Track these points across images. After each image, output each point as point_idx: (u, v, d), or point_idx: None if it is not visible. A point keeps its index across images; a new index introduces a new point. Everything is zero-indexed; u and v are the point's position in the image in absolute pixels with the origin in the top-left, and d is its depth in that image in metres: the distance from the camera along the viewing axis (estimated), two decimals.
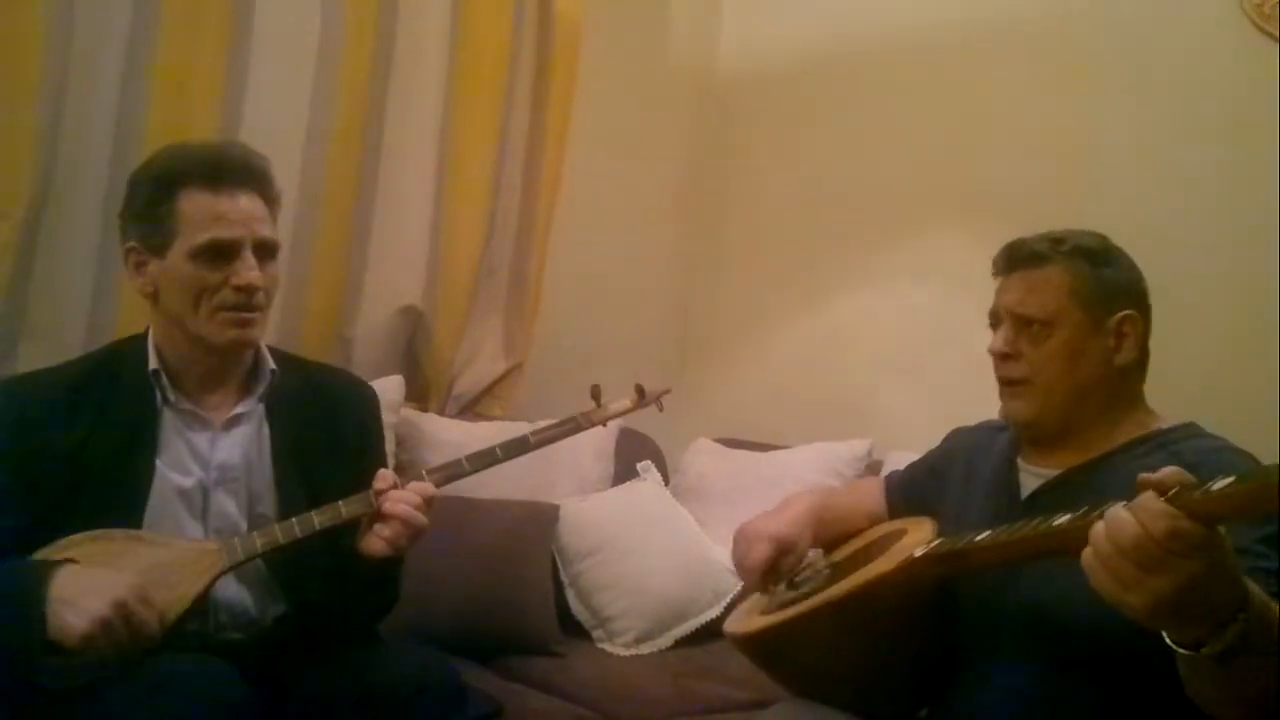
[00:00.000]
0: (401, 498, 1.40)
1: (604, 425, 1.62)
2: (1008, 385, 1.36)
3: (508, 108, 2.67)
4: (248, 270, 1.42)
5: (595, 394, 1.59)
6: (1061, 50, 2.48)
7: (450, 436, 2.36)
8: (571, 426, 1.56)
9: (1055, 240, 1.36)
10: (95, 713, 1.23)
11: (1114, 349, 1.33)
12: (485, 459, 1.51)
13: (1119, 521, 0.91)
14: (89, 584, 1.25)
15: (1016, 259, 1.37)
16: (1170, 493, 0.90)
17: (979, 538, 1.15)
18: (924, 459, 1.61)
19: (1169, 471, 0.92)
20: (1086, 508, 1.01)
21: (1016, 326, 1.35)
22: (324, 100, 2.39)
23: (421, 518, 1.40)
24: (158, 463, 1.44)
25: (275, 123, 2.28)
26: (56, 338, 2.05)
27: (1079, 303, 1.32)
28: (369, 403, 1.67)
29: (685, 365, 3.13)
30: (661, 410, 1.64)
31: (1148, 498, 0.91)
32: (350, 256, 2.48)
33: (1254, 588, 0.95)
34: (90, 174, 2.11)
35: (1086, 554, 0.94)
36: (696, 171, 3.17)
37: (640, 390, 1.60)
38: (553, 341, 2.81)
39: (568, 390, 2.67)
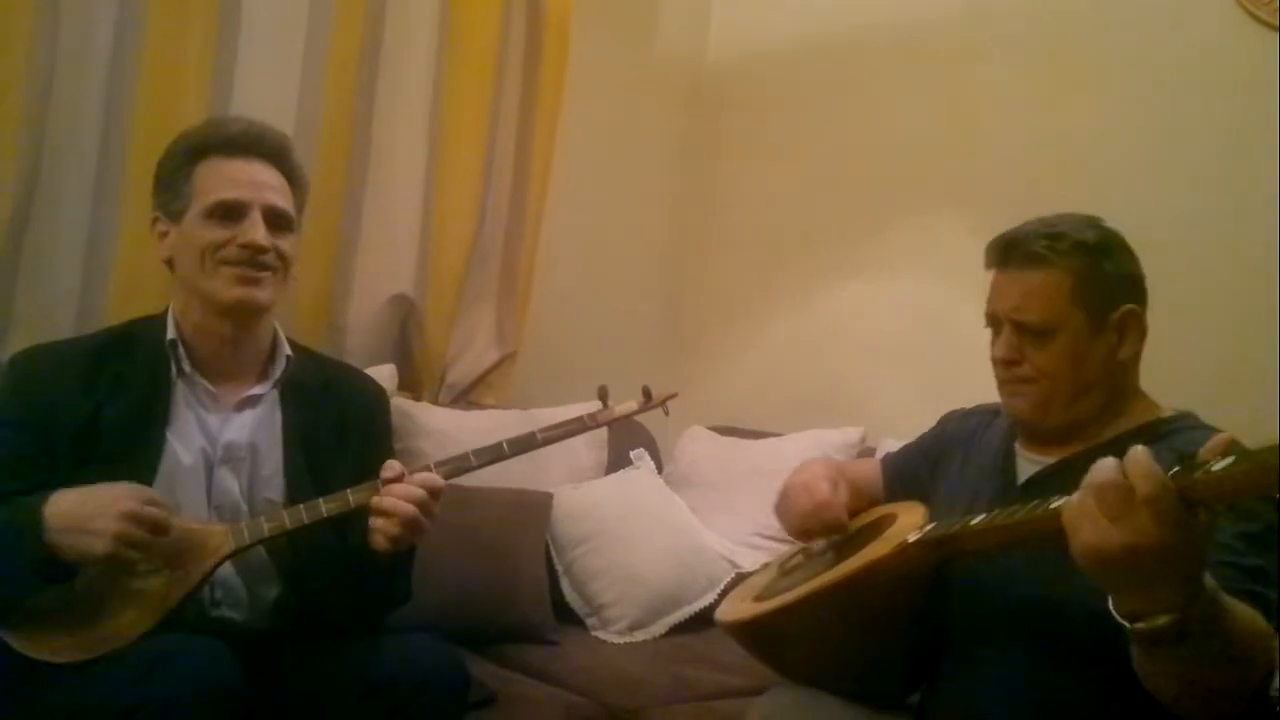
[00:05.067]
0: (402, 493, 1.39)
1: (609, 426, 1.62)
2: (1010, 384, 1.35)
3: (497, 96, 2.66)
4: (253, 229, 1.46)
5: (602, 394, 1.60)
6: (1056, 38, 2.48)
7: (444, 425, 2.36)
8: (578, 426, 1.57)
9: (1052, 238, 1.31)
10: (88, 690, 1.24)
11: (1116, 344, 1.31)
12: (491, 454, 1.51)
13: (1103, 464, 0.96)
14: (91, 506, 1.29)
15: (1012, 256, 1.34)
16: (1171, 472, 0.93)
17: (973, 521, 1.16)
18: (919, 441, 1.61)
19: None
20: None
21: (1017, 332, 1.32)
22: (313, 88, 2.37)
23: (413, 509, 1.38)
24: (168, 434, 1.46)
25: (264, 111, 2.22)
26: (45, 327, 2.03)
27: (1080, 304, 1.30)
28: (379, 401, 1.70)
29: (678, 353, 3.13)
30: (668, 414, 1.66)
31: (1141, 452, 0.95)
32: (341, 245, 2.47)
33: (1211, 590, 0.97)
34: (78, 163, 2.09)
35: (1067, 505, 0.98)
36: (687, 160, 3.16)
37: (647, 392, 1.61)
38: (545, 330, 2.81)
39: (560, 378, 2.70)
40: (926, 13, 2.70)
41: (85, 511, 1.28)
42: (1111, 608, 0.99)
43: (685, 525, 2.44)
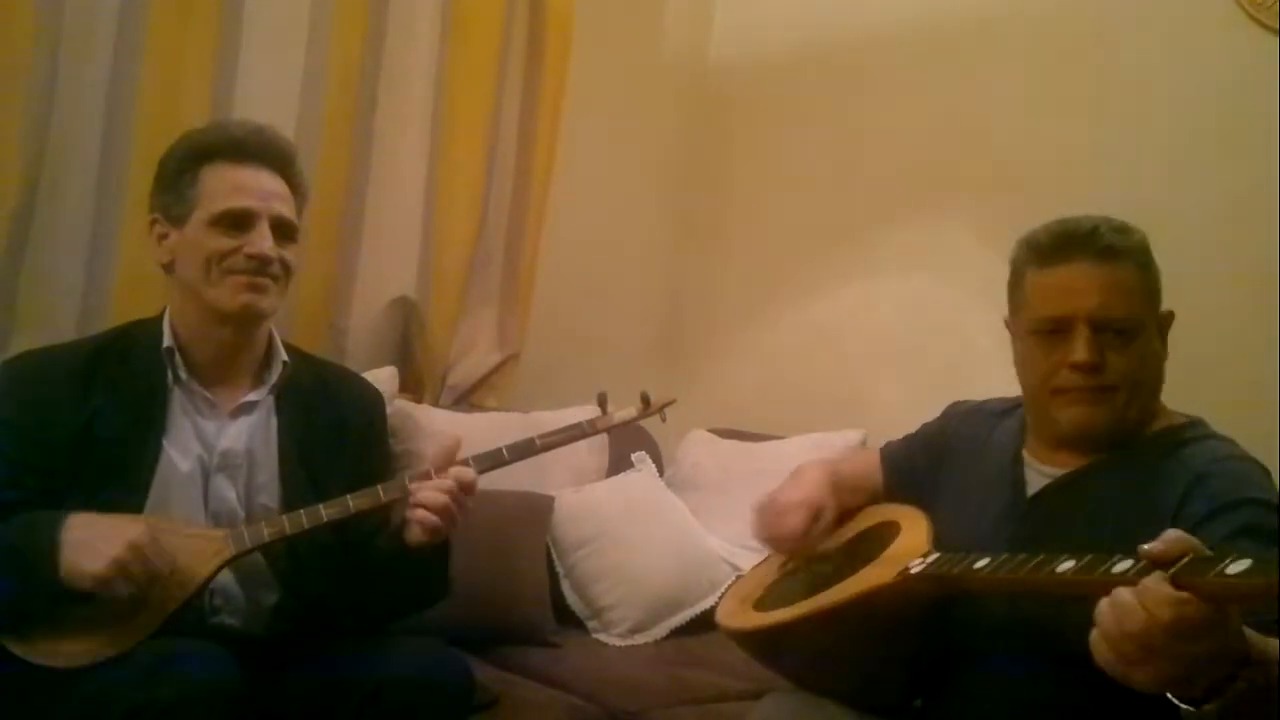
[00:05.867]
0: (436, 485, 1.41)
1: (609, 432, 1.62)
2: (1088, 393, 1.25)
3: (499, 96, 2.66)
4: (261, 240, 1.44)
5: (601, 401, 1.60)
6: (1057, 40, 2.48)
7: (445, 427, 2.34)
8: (577, 433, 1.57)
9: (1119, 230, 1.24)
10: (89, 695, 1.24)
11: (1161, 346, 1.28)
12: (491, 460, 1.51)
13: (1125, 608, 0.89)
14: (102, 529, 1.29)
15: (1084, 249, 1.24)
16: (1175, 568, 0.88)
17: (977, 565, 1.11)
18: (921, 433, 1.57)
19: (1172, 539, 0.91)
20: (1091, 557, 0.97)
21: (1098, 332, 1.23)
22: (314, 90, 2.38)
23: (448, 500, 1.40)
24: (164, 442, 1.44)
25: (265, 113, 2.23)
26: (48, 330, 2.03)
27: (1148, 304, 1.24)
28: (376, 406, 1.69)
29: (680, 356, 3.13)
30: (665, 421, 1.66)
31: (1155, 581, 0.89)
32: (343, 247, 2.47)
33: (1256, 639, 0.94)
34: (80, 165, 2.10)
35: (1093, 635, 0.93)
36: (690, 161, 3.16)
37: (645, 399, 1.60)
38: (547, 333, 2.81)
39: (562, 381, 2.70)
40: (927, 15, 2.70)
41: (93, 532, 1.28)
42: (1172, 699, 0.94)
43: (686, 528, 2.43)
